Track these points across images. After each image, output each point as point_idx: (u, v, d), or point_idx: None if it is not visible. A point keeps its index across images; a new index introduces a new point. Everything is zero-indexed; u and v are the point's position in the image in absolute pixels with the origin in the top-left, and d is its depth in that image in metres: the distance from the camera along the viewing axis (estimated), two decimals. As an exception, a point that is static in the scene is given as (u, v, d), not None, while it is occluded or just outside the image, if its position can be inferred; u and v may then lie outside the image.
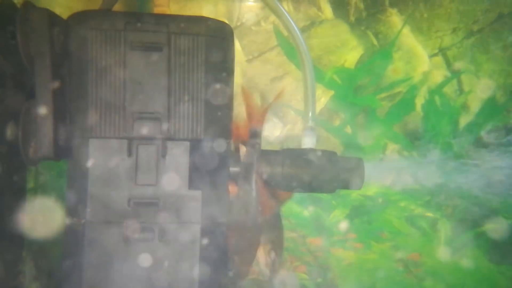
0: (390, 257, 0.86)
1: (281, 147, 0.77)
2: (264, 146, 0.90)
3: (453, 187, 0.84)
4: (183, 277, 0.53)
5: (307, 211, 0.85)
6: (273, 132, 0.85)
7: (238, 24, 0.83)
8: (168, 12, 0.79)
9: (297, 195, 0.85)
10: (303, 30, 0.84)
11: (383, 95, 0.85)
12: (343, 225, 0.85)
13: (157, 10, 0.75)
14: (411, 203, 0.85)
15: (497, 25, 0.84)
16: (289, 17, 0.55)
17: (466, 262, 0.86)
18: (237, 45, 0.83)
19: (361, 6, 0.84)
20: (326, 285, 0.85)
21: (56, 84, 0.51)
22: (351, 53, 0.85)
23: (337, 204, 0.85)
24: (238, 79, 0.84)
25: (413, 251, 0.86)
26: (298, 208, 0.85)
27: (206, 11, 0.82)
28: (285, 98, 0.85)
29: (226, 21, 0.55)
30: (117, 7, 0.69)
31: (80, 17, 0.53)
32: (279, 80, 0.85)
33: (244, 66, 0.84)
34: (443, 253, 0.86)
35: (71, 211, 0.53)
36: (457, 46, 0.85)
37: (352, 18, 0.84)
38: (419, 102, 0.85)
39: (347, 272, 0.86)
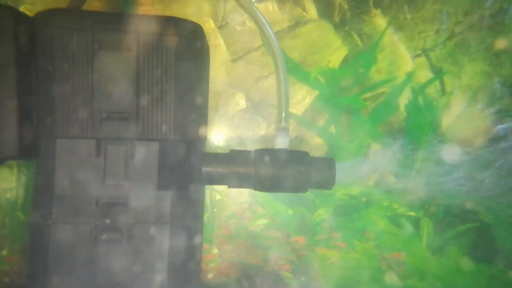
0: (374, 256, 0.87)
1: (265, 147, 0.77)
2: (249, 146, 0.90)
3: (435, 186, 0.84)
4: (151, 277, 0.53)
5: (291, 210, 0.85)
6: (257, 131, 0.86)
7: (223, 23, 0.83)
8: (152, 12, 0.79)
9: (281, 194, 0.85)
10: (288, 30, 0.85)
11: (367, 95, 0.86)
12: (327, 224, 0.86)
13: (142, 9, 0.75)
14: (394, 202, 0.86)
15: (478, 27, 0.85)
16: (263, 19, 0.55)
17: (448, 261, 0.87)
18: (222, 44, 0.83)
19: (346, 6, 0.85)
20: (310, 283, 0.86)
21: (21, 83, 0.50)
22: (336, 53, 0.85)
23: (321, 203, 0.86)
24: (223, 78, 0.84)
25: (396, 250, 0.87)
26: (282, 207, 0.85)
27: (191, 11, 0.82)
28: (270, 98, 0.86)
29: (212, 21, 0.55)
30: (98, 6, 0.68)
31: (47, 16, 0.52)
32: (264, 80, 0.85)
33: (229, 65, 0.84)
34: (425, 252, 0.87)
35: (38, 211, 0.52)
36: (439, 48, 0.86)
37: (337, 19, 0.85)
38: (403, 102, 0.86)
39: (331, 271, 0.86)
